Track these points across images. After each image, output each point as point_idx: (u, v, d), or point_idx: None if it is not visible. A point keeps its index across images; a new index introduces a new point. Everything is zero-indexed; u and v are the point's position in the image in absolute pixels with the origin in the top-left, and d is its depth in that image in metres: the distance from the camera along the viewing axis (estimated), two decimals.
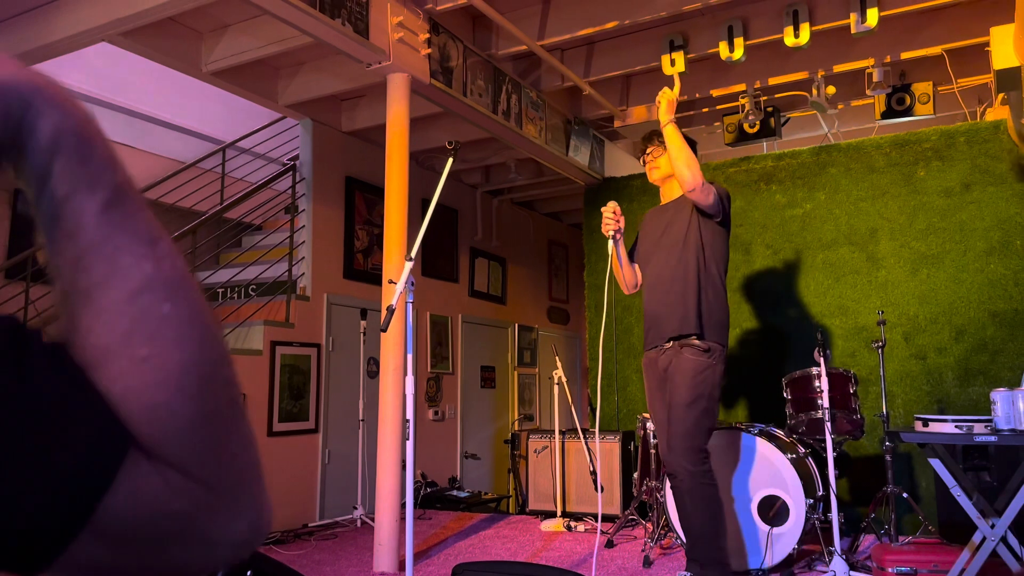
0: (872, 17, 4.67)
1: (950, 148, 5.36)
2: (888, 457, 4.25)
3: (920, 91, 5.52)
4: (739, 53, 5.08)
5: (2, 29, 4.51)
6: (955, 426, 3.01)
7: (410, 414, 3.16)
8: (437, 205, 3.33)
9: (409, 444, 3.17)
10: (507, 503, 6.72)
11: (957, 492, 3.06)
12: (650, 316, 3.55)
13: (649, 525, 4.56)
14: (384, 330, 3.12)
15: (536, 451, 5.71)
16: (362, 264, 6.52)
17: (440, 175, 3.34)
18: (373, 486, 4.49)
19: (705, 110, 6.68)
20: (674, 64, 5.29)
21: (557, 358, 5.41)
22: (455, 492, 6.44)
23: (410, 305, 3.24)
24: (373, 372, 6.18)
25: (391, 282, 3.70)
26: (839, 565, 3.52)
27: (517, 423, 8.24)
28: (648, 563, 4.05)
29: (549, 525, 5.16)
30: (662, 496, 4.27)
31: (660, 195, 3.79)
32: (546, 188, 8.23)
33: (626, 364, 6.23)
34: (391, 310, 3.07)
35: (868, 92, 5.49)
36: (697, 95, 6.12)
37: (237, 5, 4.56)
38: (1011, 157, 5.17)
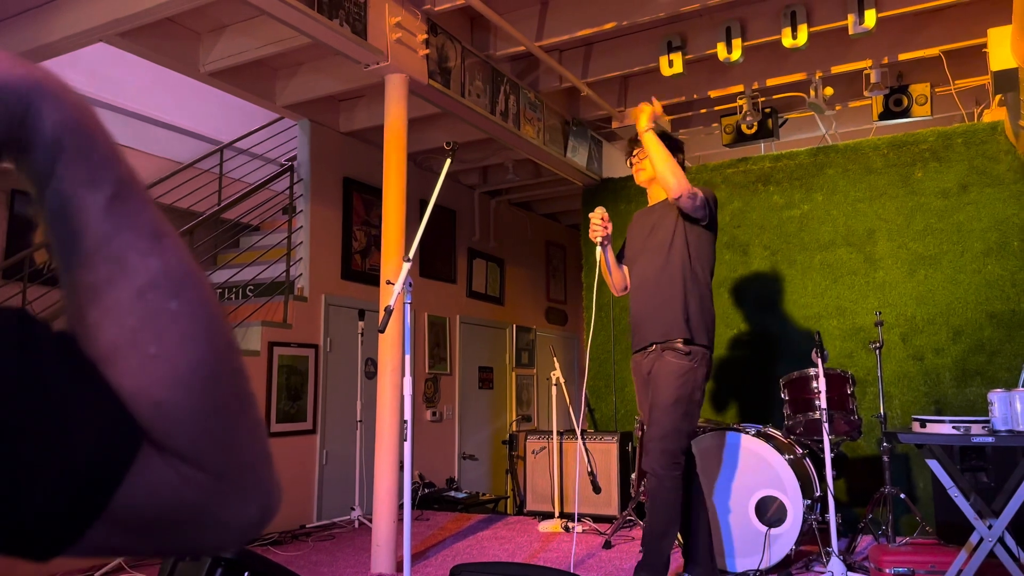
0: (870, 18, 4.68)
1: (948, 149, 5.37)
2: (885, 458, 4.26)
3: (918, 92, 5.53)
4: (737, 54, 5.09)
5: (0, 29, 4.50)
6: (952, 427, 3.01)
7: (408, 415, 3.15)
8: (435, 206, 3.33)
9: (407, 445, 3.16)
10: (505, 504, 6.72)
11: (954, 493, 3.06)
12: (635, 318, 3.53)
13: None
14: (382, 331, 3.12)
15: (534, 452, 5.71)
16: (360, 265, 6.51)
17: (438, 176, 3.34)
18: (371, 487, 4.48)
19: (703, 111, 6.69)
20: (672, 65, 5.30)
21: (555, 359, 5.41)
22: (453, 493, 6.44)
23: (408, 306, 3.24)
24: (371, 373, 6.18)
25: (389, 283, 3.69)
26: (836, 566, 3.52)
27: (515, 424, 8.24)
28: None
29: (547, 526, 5.16)
30: None
31: (647, 196, 3.80)
32: (544, 189, 8.23)
33: (624, 365, 6.23)
34: (389, 311, 3.06)
35: (866, 93, 5.51)
36: (695, 96, 6.13)
37: (235, 6, 4.55)
38: (1008, 158, 5.18)
